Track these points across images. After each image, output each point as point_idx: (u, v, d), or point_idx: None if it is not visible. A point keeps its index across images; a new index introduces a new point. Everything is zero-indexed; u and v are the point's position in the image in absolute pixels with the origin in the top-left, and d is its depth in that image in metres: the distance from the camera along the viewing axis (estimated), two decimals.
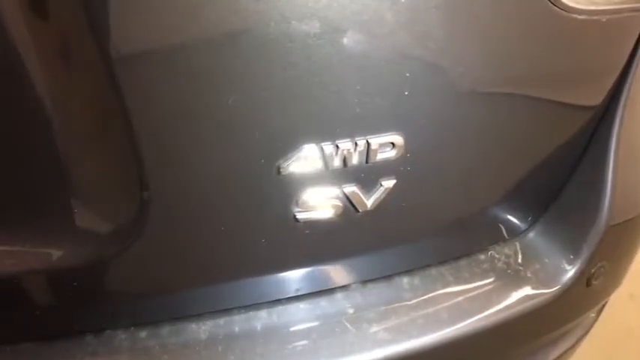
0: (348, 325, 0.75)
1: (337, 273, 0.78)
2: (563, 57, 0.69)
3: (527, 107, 0.72)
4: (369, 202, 0.67)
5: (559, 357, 1.00)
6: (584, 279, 0.87)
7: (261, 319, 0.74)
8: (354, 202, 0.66)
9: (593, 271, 0.88)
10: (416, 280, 0.82)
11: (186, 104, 0.55)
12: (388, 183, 0.67)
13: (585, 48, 0.69)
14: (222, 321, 0.73)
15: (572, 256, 0.86)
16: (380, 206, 0.68)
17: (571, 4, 0.63)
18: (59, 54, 0.52)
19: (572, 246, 0.86)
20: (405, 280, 0.82)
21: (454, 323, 0.78)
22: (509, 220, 0.87)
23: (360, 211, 0.68)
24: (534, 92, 0.71)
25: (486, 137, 0.72)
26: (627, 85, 0.78)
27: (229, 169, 0.60)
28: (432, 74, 0.62)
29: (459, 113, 0.67)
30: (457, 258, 0.86)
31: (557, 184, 0.87)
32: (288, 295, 0.76)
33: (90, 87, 0.54)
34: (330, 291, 0.79)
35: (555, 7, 0.63)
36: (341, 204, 0.66)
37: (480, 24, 0.61)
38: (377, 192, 0.67)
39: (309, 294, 0.77)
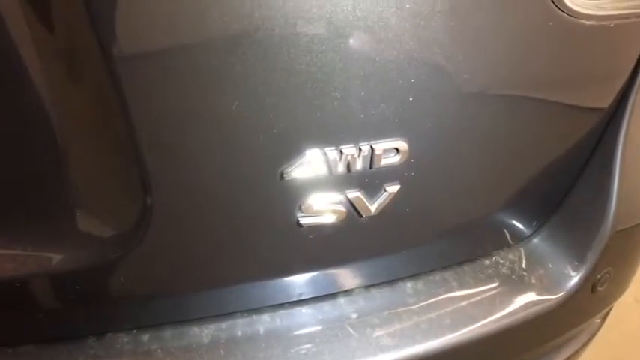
0: (352, 330, 0.74)
1: (341, 278, 0.78)
2: (571, 62, 0.68)
3: (534, 112, 0.71)
4: (373, 207, 0.67)
5: None
6: (589, 285, 0.87)
7: (264, 323, 0.74)
8: (357, 207, 0.66)
9: (598, 277, 0.88)
10: (419, 284, 0.82)
11: (190, 109, 0.55)
12: (392, 188, 0.67)
13: (593, 53, 0.69)
14: (224, 324, 0.73)
15: (577, 262, 0.85)
16: (384, 212, 0.68)
17: (578, 10, 0.63)
18: (62, 57, 0.51)
19: (577, 251, 0.86)
20: (409, 284, 0.82)
21: (458, 329, 0.77)
22: (513, 225, 0.87)
23: (364, 216, 0.67)
24: (541, 97, 0.70)
25: (492, 142, 0.71)
26: (634, 90, 0.78)
27: (233, 174, 0.60)
28: (437, 80, 0.62)
29: (464, 119, 0.66)
30: (461, 263, 0.85)
31: (562, 189, 0.87)
32: (291, 300, 0.76)
33: (93, 90, 0.54)
34: (333, 295, 0.78)
35: (563, 13, 0.62)
36: (345, 209, 0.66)
37: (486, 30, 0.61)
38: (381, 197, 0.67)
39: (312, 298, 0.77)
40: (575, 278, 0.85)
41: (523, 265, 0.87)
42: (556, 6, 0.62)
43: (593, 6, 0.64)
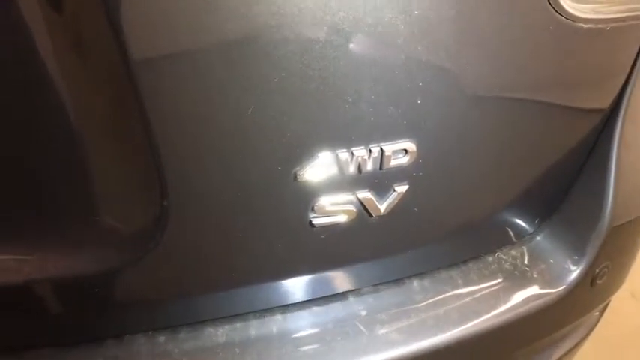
0: (362, 327, 0.76)
1: (350, 277, 0.79)
2: (571, 65, 0.70)
3: (535, 115, 0.73)
4: (383, 207, 0.68)
5: (565, 354, 1.02)
6: (588, 279, 0.89)
7: (277, 322, 0.76)
8: (368, 207, 0.68)
9: (597, 270, 0.90)
10: (426, 282, 0.84)
11: (206, 114, 0.56)
12: (401, 188, 0.68)
13: (592, 56, 0.71)
14: (238, 324, 0.74)
15: (576, 257, 0.88)
16: (393, 211, 0.69)
17: (577, 14, 0.65)
18: (81, 61, 0.53)
19: (576, 247, 0.88)
20: (416, 282, 0.84)
21: (463, 323, 0.79)
22: (516, 223, 0.89)
23: (374, 216, 0.69)
24: (542, 100, 0.72)
25: (495, 144, 0.73)
26: (628, 92, 0.80)
27: (247, 177, 0.62)
28: (443, 83, 0.63)
29: (468, 120, 0.68)
30: (465, 260, 0.87)
31: (562, 188, 0.89)
32: (303, 299, 0.78)
33: (113, 95, 0.55)
34: (343, 294, 0.80)
35: (562, 17, 0.64)
36: (355, 209, 0.68)
37: (489, 35, 0.63)
38: (390, 197, 0.68)
39: (323, 297, 0.79)
40: (575, 272, 0.87)
41: (525, 261, 0.89)
42: (555, 10, 0.64)
43: (590, 10, 0.66)
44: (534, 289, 0.85)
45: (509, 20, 0.63)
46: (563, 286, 0.86)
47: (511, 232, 0.89)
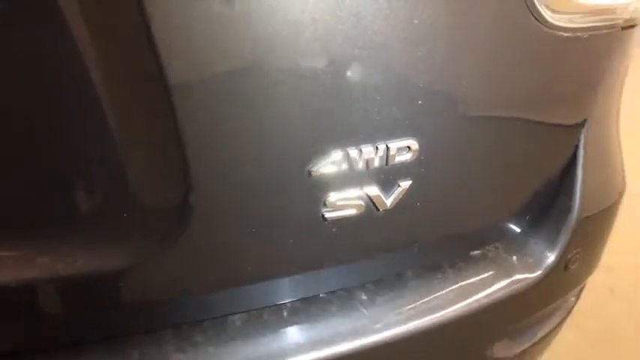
0: (364, 311, 0.82)
1: (356, 271, 0.85)
2: (553, 73, 0.77)
3: (524, 118, 0.80)
4: (389, 201, 0.73)
5: (545, 336, 1.10)
6: (562, 264, 0.98)
7: (287, 308, 0.81)
8: (375, 201, 0.73)
9: (569, 256, 0.98)
10: (418, 270, 0.90)
11: (230, 119, 0.61)
12: (405, 184, 0.73)
13: (571, 64, 0.78)
14: (254, 311, 0.79)
15: (552, 245, 0.96)
16: (398, 206, 0.74)
17: (557, 23, 0.72)
18: (115, 63, 0.56)
19: (552, 236, 0.97)
20: (410, 271, 0.90)
21: (450, 307, 0.86)
22: (504, 218, 0.96)
23: (381, 210, 0.74)
24: (529, 106, 0.79)
25: (485, 145, 0.80)
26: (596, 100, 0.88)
27: (266, 175, 0.66)
28: (439, 87, 0.69)
29: (462, 121, 0.74)
30: (455, 251, 0.95)
31: (546, 187, 0.96)
32: (312, 294, 0.83)
33: (142, 96, 0.58)
34: None
35: (543, 26, 0.71)
36: (364, 203, 0.72)
37: (479, 44, 0.69)
38: (395, 192, 0.74)
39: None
40: (550, 258, 0.95)
41: (507, 251, 0.97)
42: (537, 19, 0.70)
43: (568, 19, 0.73)
44: (515, 275, 0.93)
45: (496, 32, 0.69)
46: (540, 271, 0.94)
47: (498, 227, 0.96)
